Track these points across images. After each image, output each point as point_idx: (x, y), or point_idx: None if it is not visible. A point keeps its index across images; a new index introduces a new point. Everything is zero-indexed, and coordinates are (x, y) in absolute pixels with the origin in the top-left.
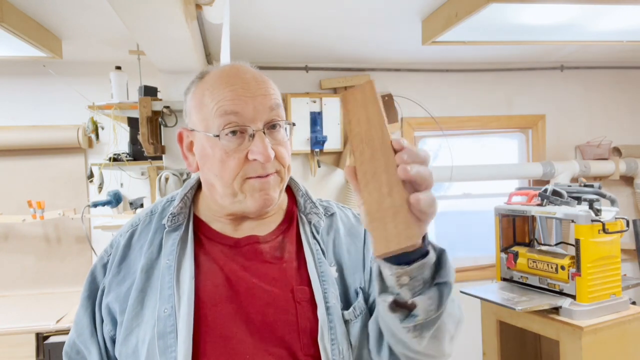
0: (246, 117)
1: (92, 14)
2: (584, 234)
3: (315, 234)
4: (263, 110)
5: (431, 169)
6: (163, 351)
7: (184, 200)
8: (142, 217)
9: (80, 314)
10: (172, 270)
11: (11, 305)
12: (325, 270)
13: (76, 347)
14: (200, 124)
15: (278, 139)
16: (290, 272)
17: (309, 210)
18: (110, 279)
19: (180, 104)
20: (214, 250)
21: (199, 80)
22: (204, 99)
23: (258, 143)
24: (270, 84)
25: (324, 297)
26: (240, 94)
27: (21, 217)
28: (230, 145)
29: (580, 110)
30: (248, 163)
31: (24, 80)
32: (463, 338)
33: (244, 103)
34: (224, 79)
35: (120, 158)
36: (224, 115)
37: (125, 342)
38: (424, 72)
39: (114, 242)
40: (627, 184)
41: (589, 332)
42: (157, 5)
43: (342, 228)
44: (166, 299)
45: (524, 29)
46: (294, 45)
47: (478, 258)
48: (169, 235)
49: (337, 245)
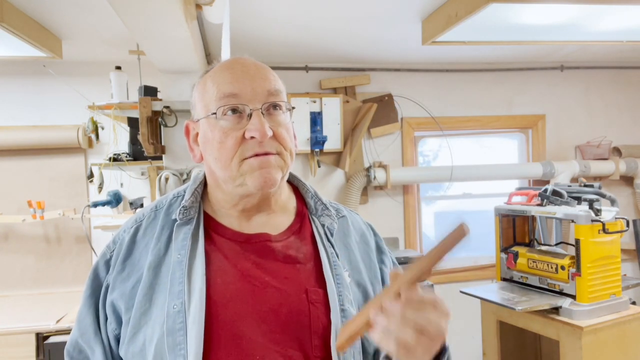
0: (244, 97)
1: (92, 14)
2: (584, 234)
3: (330, 236)
4: (262, 92)
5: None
6: (172, 348)
7: (194, 194)
8: (146, 212)
9: (83, 313)
10: (183, 265)
11: (11, 305)
12: (340, 273)
13: (79, 346)
14: (203, 111)
15: (278, 121)
16: (304, 273)
17: (320, 212)
18: (114, 276)
19: (180, 104)
20: (224, 246)
21: (204, 74)
22: (206, 86)
23: (254, 121)
24: (270, 72)
25: (338, 300)
26: (239, 75)
27: (21, 217)
28: (228, 125)
29: (580, 110)
30: (245, 142)
31: (24, 80)
32: (463, 338)
33: (242, 84)
34: (226, 65)
35: (120, 158)
36: (223, 97)
37: (133, 340)
38: (424, 72)
39: (117, 239)
40: (627, 184)
41: (588, 332)
42: (157, 5)
43: (353, 233)
44: (176, 295)
45: (524, 29)
46: (294, 45)
47: (478, 258)
48: (180, 229)
49: (350, 250)
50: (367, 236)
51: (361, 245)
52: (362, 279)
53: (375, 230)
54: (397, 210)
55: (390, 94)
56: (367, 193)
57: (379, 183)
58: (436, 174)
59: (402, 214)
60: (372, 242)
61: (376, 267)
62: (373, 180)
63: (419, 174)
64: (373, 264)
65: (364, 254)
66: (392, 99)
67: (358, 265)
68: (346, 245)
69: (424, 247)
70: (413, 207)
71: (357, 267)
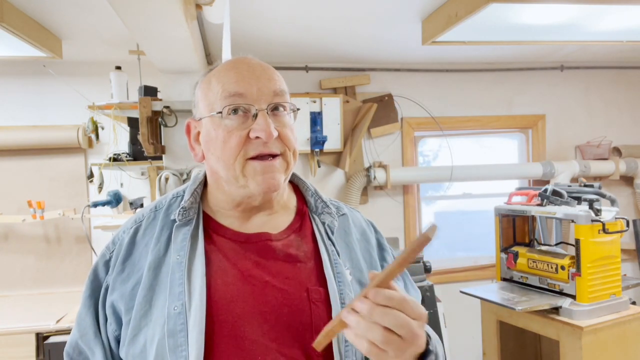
0: (250, 97)
1: (92, 14)
2: (584, 234)
3: (330, 234)
4: (267, 92)
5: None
6: (173, 350)
7: (194, 195)
8: (146, 213)
9: (83, 314)
10: (182, 266)
11: (11, 305)
12: (342, 271)
13: (79, 347)
14: (206, 109)
15: (282, 122)
16: (305, 272)
17: (321, 210)
18: (114, 277)
19: (180, 104)
20: (224, 246)
21: (208, 72)
22: (210, 85)
23: (260, 121)
24: (275, 72)
25: (340, 299)
26: (245, 75)
27: (21, 217)
28: (232, 124)
29: (580, 110)
30: (249, 142)
31: (24, 80)
32: (463, 338)
33: (248, 84)
34: (231, 64)
35: (120, 158)
36: (229, 97)
37: (133, 342)
38: (424, 72)
39: (116, 239)
40: (627, 184)
41: (588, 332)
42: (157, 5)
43: (354, 230)
44: (176, 296)
45: (524, 29)
46: (294, 45)
47: (478, 258)
48: (179, 230)
49: (351, 248)
50: (368, 233)
51: (362, 242)
52: (363, 277)
53: (376, 228)
54: (397, 210)
55: (390, 94)
56: (367, 193)
57: (379, 183)
58: (436, 174)
59: (402, 214)
60: (373, 239)
61: (377, 264)
62: (373, 180)
63: (419, 174)
64: (374, 261)
65: (365, 252)
66: (392, 99)
67: (359, 263)
68: (347, 243)
69: (424, 247)
70: (413, 207)
71: (358, 265)
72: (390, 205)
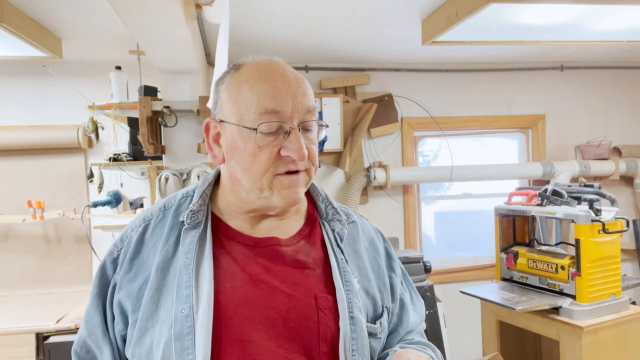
0: (285, 115)
1: (92, 14)
2: (584, 234)
3: (340, 242)
4: (301, 109)
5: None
6: (180, 353)
7: (202, 197)
8: (154, 211)
9: (91, 312)
10: (190, 269)
11: (11, 305)
12: (350, 280)
13: (86, 346)
14: (234, 116)
15: (311, 139)
16: (313, 279)
17: (331, 216)
18: (121, 275)
19: (180, 104)
20: (233, 249)
21: (235, 71)
22: (241, 92)
23: (294, 140)
24: (308, 86)
25: (347, 307)
26: (282, 90)
27: (21, 217)
28: (265, 140)
29: (580, 110)
30: (280, 159)
31: (24, 80)
32: (463, 338)
33: (284, 101)
34: (264, 73)
35: (120, 158)
36: (265, 114)
37: (139, 342)
38: (424, 72)
39: (124, 237)
40: (627, 184)
41: (589, 332)
42: (157, 5)
43: (363, 239)
44: (183, 299)
45: (524, 29)
46: (294, 45)
47: (478, 258)
48: (187, 233)
49: (359, 256)
50: (377, 242)
51: (370, 251)
52: (370, 286)
53: (384, 236)
54: (397, 210)
55: (390, 94)
56: (367, 193)
57: (379, 183)
58: (436, 174)
59: (402, 214)
60: (382, 248)
61: (385, 274)
62: (373, 180)
63: (419, 174)
64: (382, 270)
65: (373, 261)
66: (392, 99)
67: (367, 272)
68: (355, 251)
69: (424, 247)
70: (413, 207)
71: (366, 274)
72: (390, 205)
